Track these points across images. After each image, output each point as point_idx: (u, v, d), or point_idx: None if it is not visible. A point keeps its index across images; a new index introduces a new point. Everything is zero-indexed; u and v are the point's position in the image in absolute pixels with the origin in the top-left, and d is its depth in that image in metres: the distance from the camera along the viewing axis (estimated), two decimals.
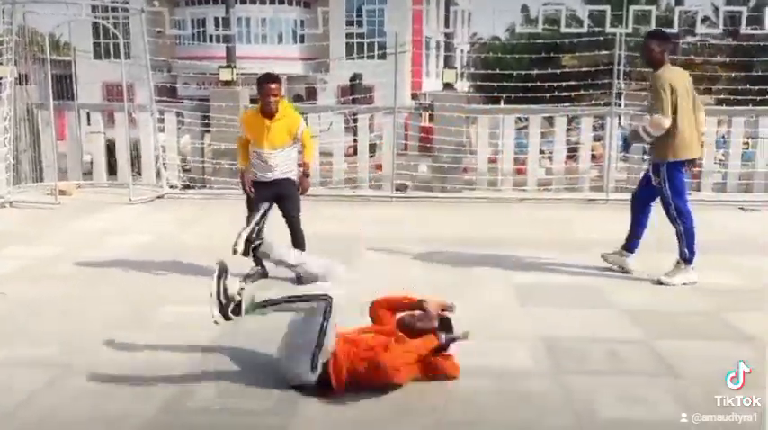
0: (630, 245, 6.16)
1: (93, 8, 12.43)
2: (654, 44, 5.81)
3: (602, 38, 11.16)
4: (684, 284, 5.78)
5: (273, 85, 5.59)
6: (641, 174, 6.47)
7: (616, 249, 6.22)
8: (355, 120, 11.00)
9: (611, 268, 6.18)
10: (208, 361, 4.20)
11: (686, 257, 5.82)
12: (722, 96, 14.05)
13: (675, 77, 5.75)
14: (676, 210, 5.80)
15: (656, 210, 6.07)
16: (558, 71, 11.47)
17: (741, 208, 9.49)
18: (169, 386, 3.84)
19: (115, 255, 6.58)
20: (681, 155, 5.74)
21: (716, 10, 12.46)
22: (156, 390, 3.78)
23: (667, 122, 5.62)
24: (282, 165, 5.78)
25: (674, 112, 5.65)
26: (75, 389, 3.81)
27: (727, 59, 23.24)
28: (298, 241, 5.87)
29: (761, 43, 11.84)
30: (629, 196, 9.85)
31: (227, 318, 3.84)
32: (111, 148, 11.20)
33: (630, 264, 6.14)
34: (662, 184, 5.80)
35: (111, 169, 11.15)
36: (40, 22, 11.93)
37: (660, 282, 5.84)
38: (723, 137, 11.22)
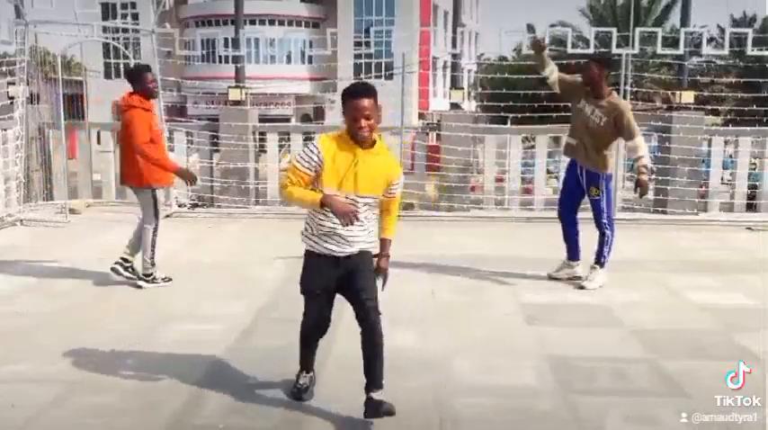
0: (573, 254, 6.47)
1: (105, 29, 12.60)
2: (595, 67, 6.09)
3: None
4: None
5: (366, 101, 3.36)
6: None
7: (561, 264, 6.52)
8: None
9: (599, 286, 6.23)
10: (213, 379, 4.21)
11: (603, 262, 6.25)
12: (729, 116, 14.07)
13: None
14: (608, 218, 6.22)
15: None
16: None
17: (749, 227, 9.45)
18: (175, 404, 3.86)
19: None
20: (611, 168, 6.30)
21: (722, 31, 12.51)
22: (161, 408, 3.79)
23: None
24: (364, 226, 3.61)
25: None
26: (83, 405, 3.82)
27: (734, 80, 23.27)
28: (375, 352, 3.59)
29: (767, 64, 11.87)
30: (637, 215, 9.93)
31: None
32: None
33: (579, 271, 6.43)
34: (600, 195, 6.16)
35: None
36: (51, 42, 12.10)
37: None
38: (730, 157, 11.22)
